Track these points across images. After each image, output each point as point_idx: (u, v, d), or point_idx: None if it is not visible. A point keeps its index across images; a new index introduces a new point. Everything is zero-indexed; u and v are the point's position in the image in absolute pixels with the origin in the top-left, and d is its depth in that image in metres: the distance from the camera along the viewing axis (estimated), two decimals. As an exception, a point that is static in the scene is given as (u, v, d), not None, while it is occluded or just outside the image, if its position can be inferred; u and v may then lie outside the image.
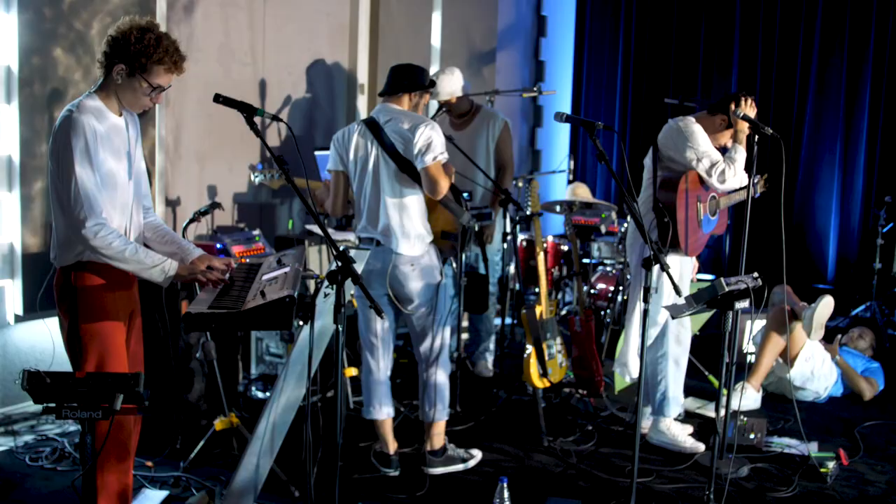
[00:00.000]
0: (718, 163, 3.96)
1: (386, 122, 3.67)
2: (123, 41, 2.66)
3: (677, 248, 4.02)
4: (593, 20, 8.74)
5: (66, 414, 2.13)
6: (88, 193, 2.60)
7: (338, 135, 3.81)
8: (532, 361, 4.28)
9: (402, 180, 3.65)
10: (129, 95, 2.73)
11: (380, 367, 3.84)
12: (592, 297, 6.00)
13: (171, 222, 4.93)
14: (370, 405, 3.85)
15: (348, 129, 3.79)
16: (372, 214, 3.70)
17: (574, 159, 8.19)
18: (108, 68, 2.70)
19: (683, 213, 3.98)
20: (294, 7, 5.67)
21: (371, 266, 3.71)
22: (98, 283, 2.72)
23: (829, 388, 4.96)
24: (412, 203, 3.69)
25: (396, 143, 3.63)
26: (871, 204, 7.35)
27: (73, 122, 2.61)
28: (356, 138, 3.72)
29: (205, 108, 5.09)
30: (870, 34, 7.29)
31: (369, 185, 3.70)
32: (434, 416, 3.83)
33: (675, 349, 4.19)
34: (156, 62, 2.68)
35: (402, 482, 3.75)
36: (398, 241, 3.65)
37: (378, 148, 3.66)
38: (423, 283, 3.71)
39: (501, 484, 3.39)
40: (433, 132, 3.60)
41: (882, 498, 3.75)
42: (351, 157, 3.74)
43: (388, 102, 3.76)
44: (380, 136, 3.65)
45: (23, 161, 4.13)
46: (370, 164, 3.68)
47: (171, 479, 3.63)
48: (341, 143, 3.78)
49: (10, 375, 4.24)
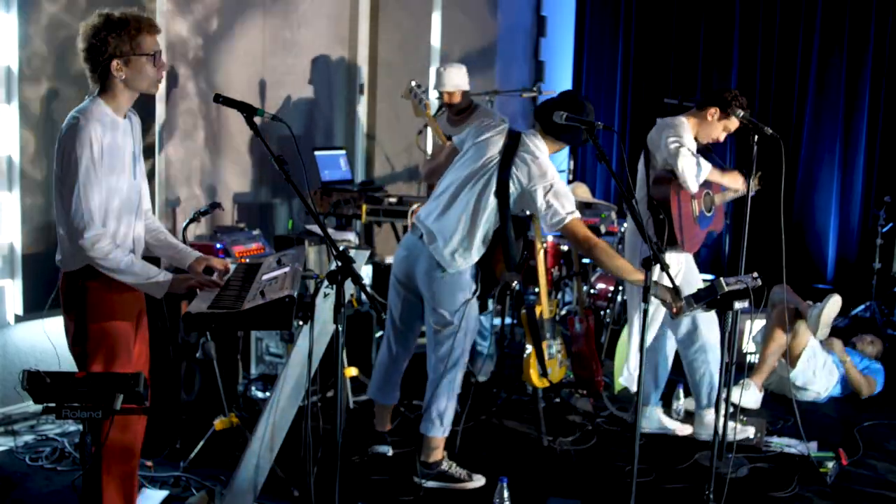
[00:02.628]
0: (684, 146, 3.94)
1: (521, 148, 3.47)
2: (100, 41, 2.63)
3: (675, 244, 4.03)
4: (593, 20, 8.74)
5: (66, 414, 2.13)
6: (90, 204, 2.60)
7: (485, 119, 3.63)
8: (532, 361, 4.28)
9: (489, 203, 3.46)
10: (138, 80, 2.71)
11: (394, 351, 3.79)
12: (592, 297, 6.00)
13: (171, 222, 4.93)
14: (376, 387, 3.82)
15: (495, 122, 3.62)
16: (442, 206, 3.53)
17: (574, 159, 8.19)
18: (104, 72, 2.68)
19: (677, 210, 3.99)
20: (294, 7, 5.67)
21: (406, 252, 3.64)
22: (107, 284, 2.71)
23: (829, 388, 4.96)
24: (482, 227, 3.50)
25: (511, 176, 3.43)
26: (870, 204, 7.35)
27: (79, 131, 2.59)
28: (491, 136, 3.54)
29: (205, 108, 5.10)
30: (870, 34, 7.29)
31: (461, 182, 3.51)
32: (429, 430, 3.68)
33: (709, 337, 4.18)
34: (138, 33, 2.66)
35: (403, 482, 3.75)
36: (444, 249, 3.50)
37: (497, 163, 3.47)
38: (451, 292, 3.57)
39: (501, 484, 3.39)
40: (556, 193, 3.38)
41: (882, 498, 3.75)
42: (472, 144, 3.56)
43: (539, 134, 3.53)
44: (507, 154, 3.45)
45: (23, 161, 4.13)
46: (478, 167, 3.50)
47: (171, 479, 3.63)
48: (480, 128, 3.60)
49: (10, 375, 4.23)
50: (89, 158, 2.60)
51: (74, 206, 2.60)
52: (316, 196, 5.27)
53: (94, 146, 2.61)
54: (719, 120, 4.08)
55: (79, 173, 2.59)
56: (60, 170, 2.64)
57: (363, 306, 4.85)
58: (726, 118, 4.06)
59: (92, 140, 2.60)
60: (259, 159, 5.50)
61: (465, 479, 3.73)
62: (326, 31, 5.97)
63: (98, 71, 2.68)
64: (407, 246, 3.68)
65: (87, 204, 2.60)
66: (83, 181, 2.59)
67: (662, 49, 8.23)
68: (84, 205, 2.60)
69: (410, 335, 3.82)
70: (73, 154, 2.59)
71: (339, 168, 5.54)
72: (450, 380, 3.67)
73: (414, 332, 3.83)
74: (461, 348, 3.66)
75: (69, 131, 2.62)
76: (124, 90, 2.72)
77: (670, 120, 4.10)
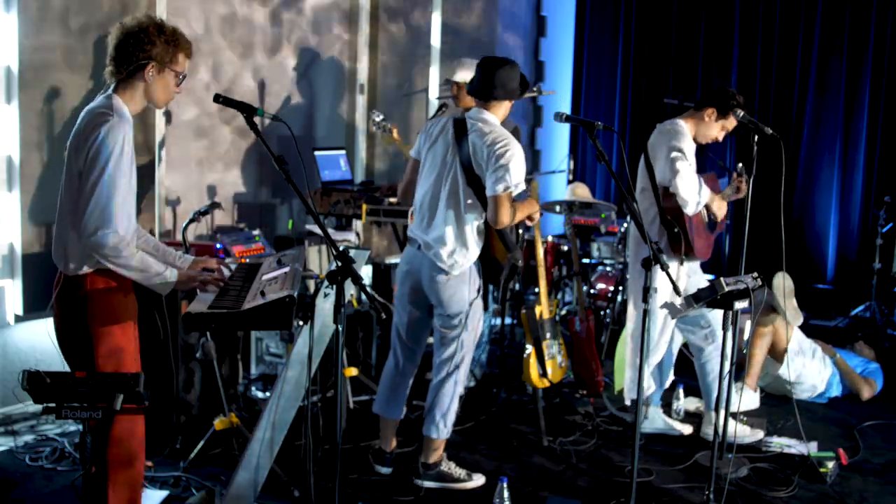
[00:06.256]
0: (684, 161, 3.92)
1: (472, 131, 3.45)
2: (147, 39, 2.64)
3: (690, 254, 4.03)
4: (593, 20, 8.74)
5: (66, 414, 2.13)
6: (110, 202, 2.55)
7: (428, 123, 3.62)
8: (532, 361, 4.28)
9: (466, 195, 3.46)
10: (160, 91, 2.72)
11: (401, 365, 3.75)
12: (592, 297, 6.01)
13: (171, 222, 4.93)
14: (382, 401, 3.78)
15: (438, 122, 3.58)
16: (427, 217, 3.54)
17: (574, 159, 8.19)
18: (135, 70, 2.67)
19: (688, 220, 3.99)
20: (294, 6, 5.67)
21: (407, 267, 3.63)
22: (111, 287, 2.69)
23: (825, 379, 4.94)
24: (470, 221, 3.49)
25: (472, 156, 3.41)
26: (870, 204, 7.35)
27: (112, 129, 2.56)
28: (439, 135, 3.54)
29: (205, 108, 5.10)
30: (870, 34, 7.29)
31: (433, 188, 3.53)
32: (432, 431, 3.66)
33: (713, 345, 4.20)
34: (181, 50, 2.71)
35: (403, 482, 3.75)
36: (443, 254, 3.49)
37: (455, 154, 3.47)
38: (457, 295, 3.55)
39: (501, 484, 3.39)
40: (511, 158, 3.35)
41: (882, 498, 3.75)
42: (427, 151, 3.57)
43: (480, 107, 3.51)
44: (461, 142, 3.43)
45: (23, 161, 4.13)
46: (441, 167, 3.50)
47: (171, 479, 3.63)
48: (426, 133, 3.60)
49: (10, 375, 4.23)
50: (118, 157, 2.56)
51: (94, 202, 2.54)
52: (316, 196, 5.27)
53: (126, 145, 2.59)
54: (717, 120, 4.07)
55: (106, 170, 2.55)
56: (85, 164, 2.57)
57: (363, 306, 4.86)
58: (724, 118, 4.05)
59: (124, 139, 2.58)
60: (259, 159, 5.50)
61: (464, 479, 3.72)
62: (327, 30, 5.97)
63: (129, 67, 2.66)
64: (408, 260, 3.66)
65: (110, 201, 2.55)
66: (109, 179, 2.55)
67: (662, 49, 8.24)
68: (104, 201, 2.54)
69: (418, 349, 3.78)
70: (102, 150, 2.54)
71: (339, 168, 5.53)
72: (454, 381, 3.66)
73: (421, 346, 3.79)
74: (466, 348, 3.65)
75: (99, 127, 2.56)
76: (143, 95, 2.72)
77: (669, 126, 4.07)
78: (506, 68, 3.47)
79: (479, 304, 3.67)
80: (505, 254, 3.72)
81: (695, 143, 4.08)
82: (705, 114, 4.06)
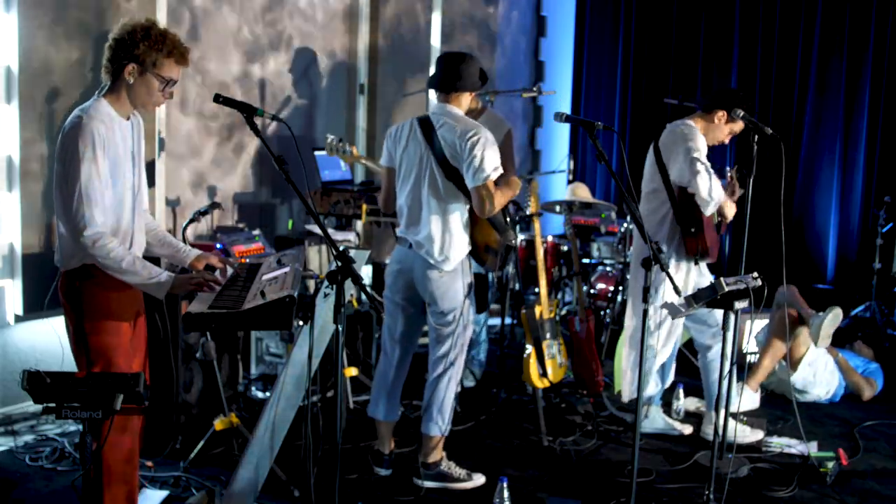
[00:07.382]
0: (703, 161, 3.92)
1: (439, 126, 3.50)
2: (130, 41, 2.67)
3: (705, 255, 4.03)
4: (593, 20, 8.74)
5: (66, 414, 2.13)
6: (91, 202, 2.61)
7: (392, 129, 3.65)
8: (532, 361, 4.28)
9: (447, 189, 3.50)
10: (143, 94, 2.74)
11: (393, 368, 3.75)
12: (592, 297, 6.01)
13: (171, 222, 4.93)
14: (376, 404, 3.78)
15: (402, 126, 3.62)
16: (412, 219, 3.57)
17: (574, 159, 8.19)
18: (118, 70, 2.71)
19: (705, 220, 4.00)
20: (294, 6, 5.67)
21: (399, 266, 3.65)
22: (105, 284, 2.72)
23: (830, 391, 4.95)
24: (455, 214, 3.53)
25: (446, 151, 3.46)
26: (870, 204, 7.35)
27: (83, 129, 2.60)
28: (408, 137, 3.58)
29: (205, 108, 5.10)
30: (870, 34, 7.28)
31: (414, 189, 3.56)
32: (430, 429, 3.69)
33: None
34: (166, 55, 2.71)
35: (403, 482, 3.75)
36: (434, 250, 3.52)
37: (428, 152, 3.51)
38: (450, 292, 3.58)
39: (501, 484, 3.39)
40: (484, 146, 3.41)
41: (882, 498, 3.75)
42: (399, 155, 3.61)
43: (443, 102, 3.57)
44: (431, 139, 3.49)
45: (23, 161, 4.13)
46: (418, 167, 3.54)
47: (171, 479, 3.63)
48: (394, 138, 3.64)
49: (10, 375, 4.23)
50: (91, 157, 2.60)
51: (76, 204, 2.60)
52: (316, 196, 5.27)
53: (97, 145, 2.61)
54: (726, 123, 4.06)
55: (81, 171, 2.59)
56: (62, 167, 2.64)
57: (363, 306, 4.86)
58: (732, 121, 4.05)
59: (94, 138, 2.61)
60: (259, 159, 5.50)
61: (464, 478, 3.72)
62: (327, 30, 5.97)
63: (114, 66, 2.71)
64: (399, 259, 3.67)
65: (88, 202, 2.60)
66: (85, 179, 2.60)
67: (662, 49, 8.23)
68: (85, 203, 2.60)
69: (410, 348, 3.79)
70: (75, 152, 2.59)
71: (338, 168, 5.53)
72: (449, 377, 3.67)
73: (413, 346, 3.81)
74: (460, 344, 3.66)
75: (72, 129, 2.62)
76: (126, 96, 2.75)
77: (683, 127, 4.05)
78: (466, 61, 3.57)
79: (471, 298, 3.70)
80: (497, 239, 3.75)
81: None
82: (715, 116, 4.05)
